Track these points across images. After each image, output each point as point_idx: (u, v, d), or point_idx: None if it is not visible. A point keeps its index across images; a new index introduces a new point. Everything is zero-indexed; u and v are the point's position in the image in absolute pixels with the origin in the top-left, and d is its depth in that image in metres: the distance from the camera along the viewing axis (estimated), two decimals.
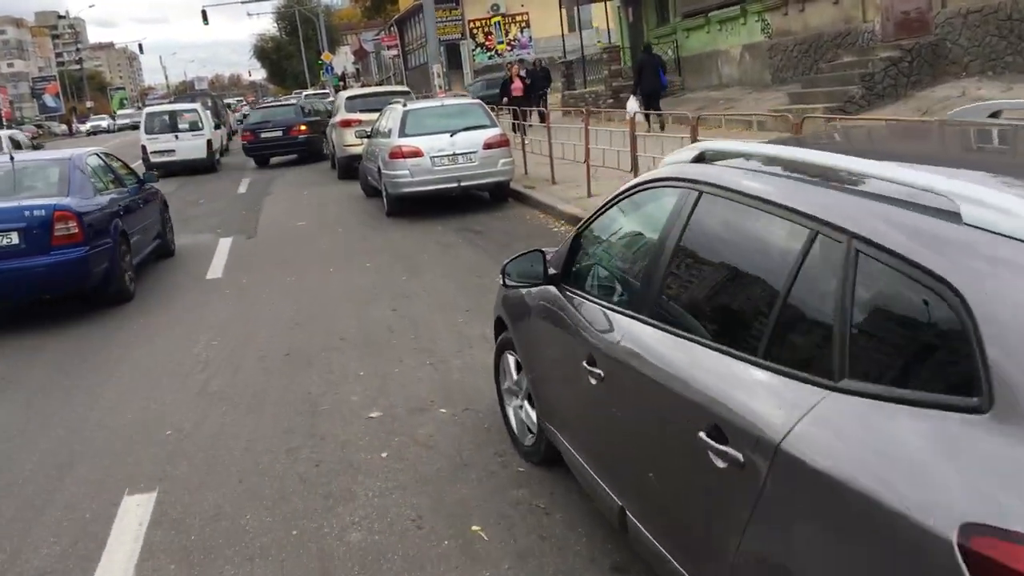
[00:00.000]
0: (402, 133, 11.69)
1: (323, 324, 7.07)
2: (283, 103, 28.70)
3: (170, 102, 42.58)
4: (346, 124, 17.19)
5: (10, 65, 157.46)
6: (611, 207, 3.34)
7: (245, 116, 67.71)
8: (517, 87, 21.07)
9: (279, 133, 21.99)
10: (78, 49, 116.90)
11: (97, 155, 9.38)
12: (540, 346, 3.76)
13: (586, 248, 3.50)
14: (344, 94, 18.19)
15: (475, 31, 44.52)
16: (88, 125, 76.34)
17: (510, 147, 12.05)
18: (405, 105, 12.02)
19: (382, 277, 8.59)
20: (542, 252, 3.58)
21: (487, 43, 44.67)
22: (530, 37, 44.61)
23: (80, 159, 8.63)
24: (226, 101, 59.63)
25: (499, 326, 4.43)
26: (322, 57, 61.03)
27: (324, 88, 62.33)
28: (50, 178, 8.25)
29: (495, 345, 4.57)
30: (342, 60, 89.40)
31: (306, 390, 5.53)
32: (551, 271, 3.53)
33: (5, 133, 24.36)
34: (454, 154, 11.53)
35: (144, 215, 9.70)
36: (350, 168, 17.49)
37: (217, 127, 24.57)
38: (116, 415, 5.43)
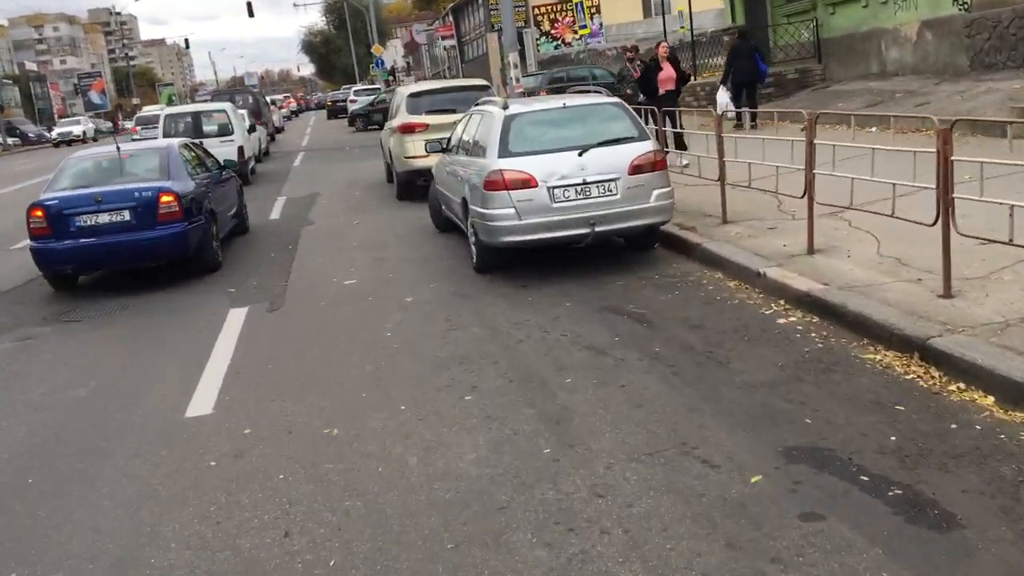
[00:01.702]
0: (504, 151, 7.62)
1: None
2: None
3: (211, 99, 39.28)
4: (408, 130, 13.16)
5: (63, 62, 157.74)
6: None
7: (294, 113, 64.86)
8: (668, 76, 13.07)
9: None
10: (124, 44, 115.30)
11: (186, 144, 10.88)
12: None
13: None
14: (404, 90, 14.17)
15: (539, 18, 40.37)
16: (56, 132, 55.45)
17: (667, 170, 7.87)
18: (506, 107, 7.92)
19: (503, 438, 4.52)
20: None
21: (553, 31, 40.48)
22: (600, 24, 40.30)
23: (174, 147, 10.07)
24: (271, 98, 56.66)
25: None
26: (372, 50, 57.67)
27: (373, 83, 59.06)
28: (151, 164, 9.66)
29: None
30: (391, 54, 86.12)
31: None
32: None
33: None
34: (585, 183, 7.43)
35: (226, 196, 11.08)
36: (411, 186, 13.51)
37: (252, 129, 20.78)
38: None
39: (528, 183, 7.43)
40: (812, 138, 6.62)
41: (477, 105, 9.34)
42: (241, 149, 18.18)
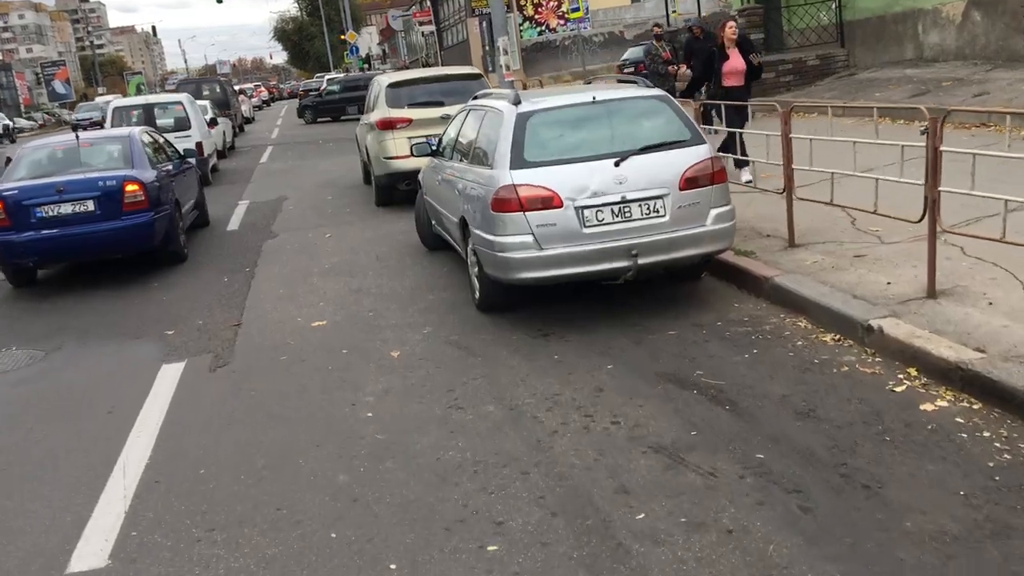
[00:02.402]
0: (518, 160, 5.83)
1: None
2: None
3: (176, 89, 37.03)
4: (388, 125, 11.33)
5: (28, 51, 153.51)
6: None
7: (265, 103, 62.37)
8: (736, 68, 9.60)
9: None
10: (89, 32, 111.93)
11: (147, 132, 10.68)
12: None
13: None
14: (383, 79, 12.30)
15: (523, 2, 38.46)
16: None
17: (728, 183, 6.11)
18: (518, 102, 6.11)
19: None
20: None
21: (538, 16, 38.59)
22: (587, 8, 38.38)
23: (136, 135, 9.82)
24: (241, 87, 54.49)
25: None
26: (345, 37, 55.66)
27: (348, 71, 57.07)
28: (112, 153, 9.50)
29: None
30: (366, 41, 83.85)
31: None
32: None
33: None
34: (624, 201, 5.68)
35: (188, 185, 10.85)
36: (393, 191, 11.72)
37: (213, 123, 18.80)
38: None
39: (550, 202, 5.67)
40: (937, 143, 4.90)
41: (477, 99, 7.54)
42: (200, 145, 16.20)
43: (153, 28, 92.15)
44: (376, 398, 5.09)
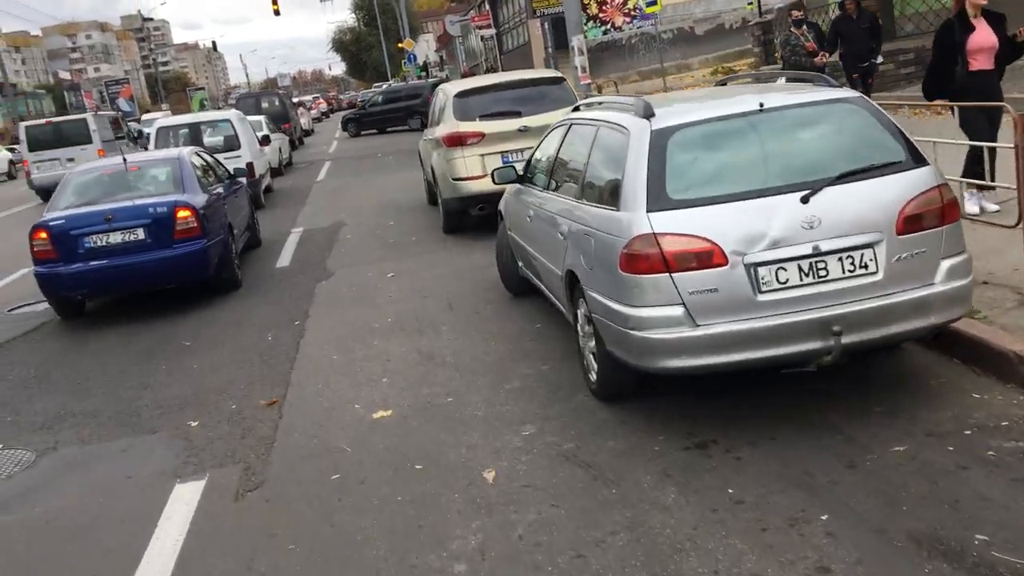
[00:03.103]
0: (659, 198, 4.06)
1: None
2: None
3: (236, 103, 36.10)
4: (457, 141, 9.70)
5: (96, 69, 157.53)
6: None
7: (324, 115, 61.74)
8: (985, 44, 6.88)
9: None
10: (152, 50, 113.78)
11: (197, 153, 10.12)
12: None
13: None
14: (449, 88, 10.66)
15: (587, 1, 36.65)
16: None
17: (960, 221, 4.28)
18: (650, 115, 4.35)
19: None
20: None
21: (602, 15, 36.74)
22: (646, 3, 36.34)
23: (186, 157, 9.27)
24: (300, 99, 53.94)
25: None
26: (403, 44, 54.72)
27: (405, 79, 56.11)
28: (162, 177, 8.98)
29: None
30: (423, 49, 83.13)
31: None
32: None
33: None
34: (817, 253, 3.91)
35: (239, 207, 10.31)
36: (464, 216, 10.08)
37: (266, 140, 17.47)
38: None
39: (709, 259, 3.92)
40: None
41: (581, 109, 5.82)
42: (251, 167, 14.87)
43: (214, 43, 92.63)
44: (468, 565, 3.41)
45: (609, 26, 36.89)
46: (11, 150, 56.94)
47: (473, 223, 10.17)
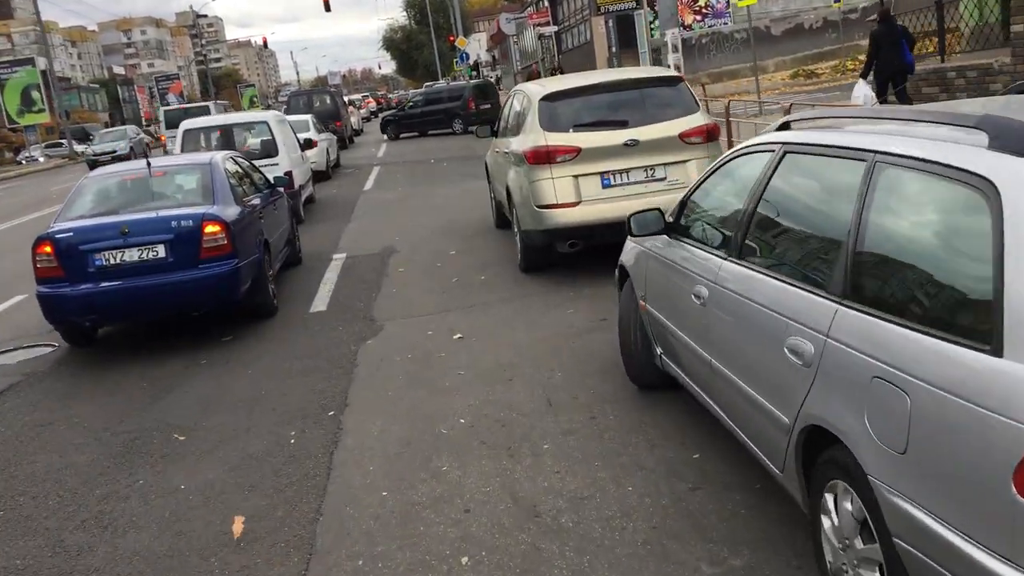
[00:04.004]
0: None
1: None
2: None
3: (288, 102, 34.60)
4: (545, 158, 7.55)
5: (150, 65, 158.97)
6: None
7: (373, 114, 60.08)
8: None
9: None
10: (203, 45, 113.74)
11: (232, 159, 8.96)
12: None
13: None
14: (532, 89, 8.44)
15: None
16: (90, 150, 38.27)
17: None
18: (1003, 137, 2.16)
19: None
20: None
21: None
22: (728, 2, 33.92)
23: (219, 163, 8.14)
24: (350, 98, 52.54)
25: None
26: (456, 43, 52.94)
27: (456, 79, 54.39)
28: (190, 184, 7.96)
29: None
30: (474, 48, 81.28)
31: None
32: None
33: None
34: None
35: (278, 221, 9.24)
36: (548, 253, 7.94)
37: (308, 145, 15.50)
38: None
39: None
40: None
41: (800, 129, 3.56)
42: (290, 176, 12.89)
43: (264, 41, 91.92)
44: None
45: (679, 25, 34.46)
46: (57, 144, 56.31)
47: (560, 259, 8.03)
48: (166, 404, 5.91)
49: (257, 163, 12.71)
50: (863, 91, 12.64)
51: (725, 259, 3.57)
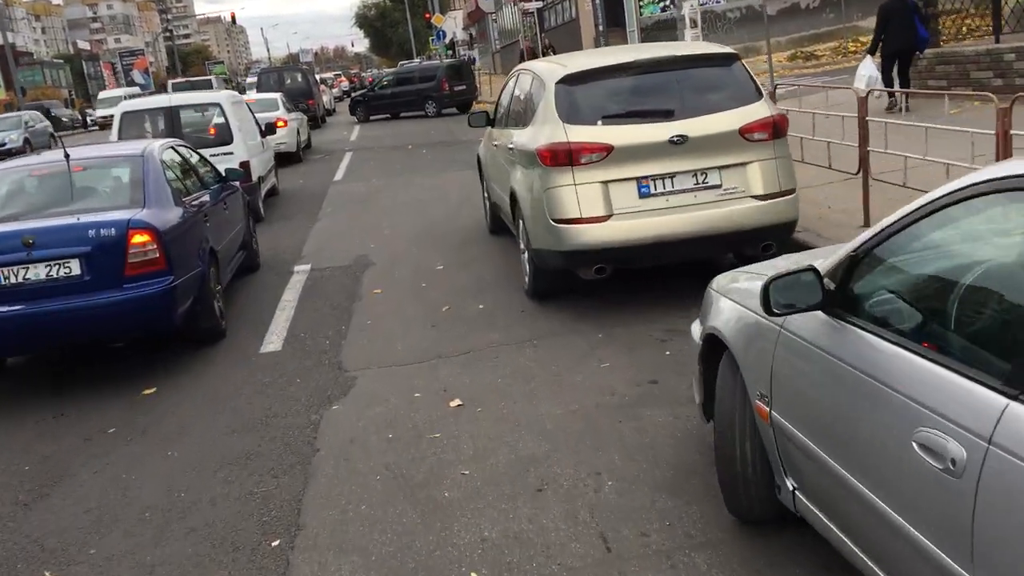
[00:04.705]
0: None
1: None
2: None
3: (258, 79, 33.05)
4: (565, 159, 5.80)
5: (117, 40, 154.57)
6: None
7: (346, 93, 58.01)
8: None
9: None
10: (171, 20, 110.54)
11: (173, 148, 7.38)
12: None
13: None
14: (544, 69, 6.58)
15: None
16: None
17: None
18: None
19: None
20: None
21: None
22: None
23: (154, 154, 6.64)
24: (321, 76, 50.44)
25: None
26: (432, 20, 50.95)
27: (430, 58, 52.39)
28: (118, 182, 6.58)
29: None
30: (450, 26, 78.97)
31: None
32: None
33: None
34: None
35: (230, 222, 7.70)
36: (564, 278, 6.22)
37: (270, 130, 13.65)
38: None
39: None
40: None
41: None
42: (247, 167, 11.07)
43: (232, 16, 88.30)
44: None
45: (668, 2, 32.67)
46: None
47: (581, 288, 6.34)
48: (46, 510, 4.16)
49: (209, 152, 10.92)
50: (868, 70, 11.65)
51: (1014, 398, 1.87)
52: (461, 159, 15.19)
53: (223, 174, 8.34)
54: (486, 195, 8.95)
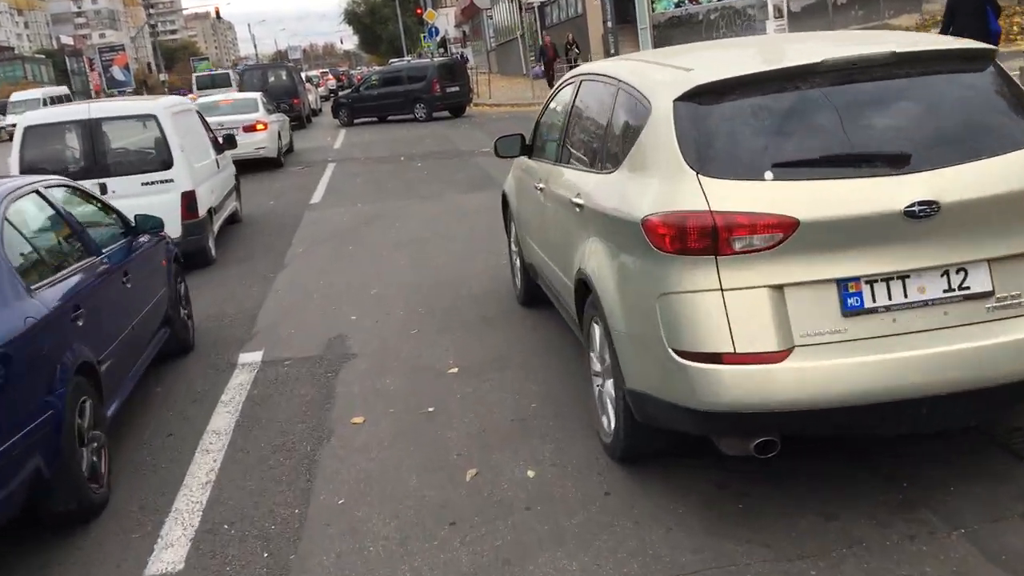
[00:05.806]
0: None
1: None
2: None
3: (241, 78, 31.09)
4: (705, 241, 3.07)
5: (102, 36, 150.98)
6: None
7: (333, 92, 55.55)
8: None
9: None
10: (155, 16, 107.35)
11: (39, 193, 4.70)
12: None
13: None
14: (643, 74, 3.88)
15: None
16: None
17: None
18: None
19: None
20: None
21: None
22: None
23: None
24: (307, 74, 47.78)
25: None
26: (424, 16, 48.31)
27: (421, 56, 49.99)
28: None
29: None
30: (442, 23, 76.38)
31: None
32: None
33: None
34: None
35: (134, 301, 5.19)
36: (672, 439, 3.40)
37: (230, 142, 10.92)
38: None
39: None
40: None
41: None
42: (190, 200, 8.35)
43: (217, 11, 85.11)
44: None
45: None
46: None
47: (691, 438, 3.63)
48: None
49: (143, 179, 8.27)
50: None
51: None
52: (464, 177, 12.54)
53: (132, 223, 5.66)
54: (514, 249, 6.27)
